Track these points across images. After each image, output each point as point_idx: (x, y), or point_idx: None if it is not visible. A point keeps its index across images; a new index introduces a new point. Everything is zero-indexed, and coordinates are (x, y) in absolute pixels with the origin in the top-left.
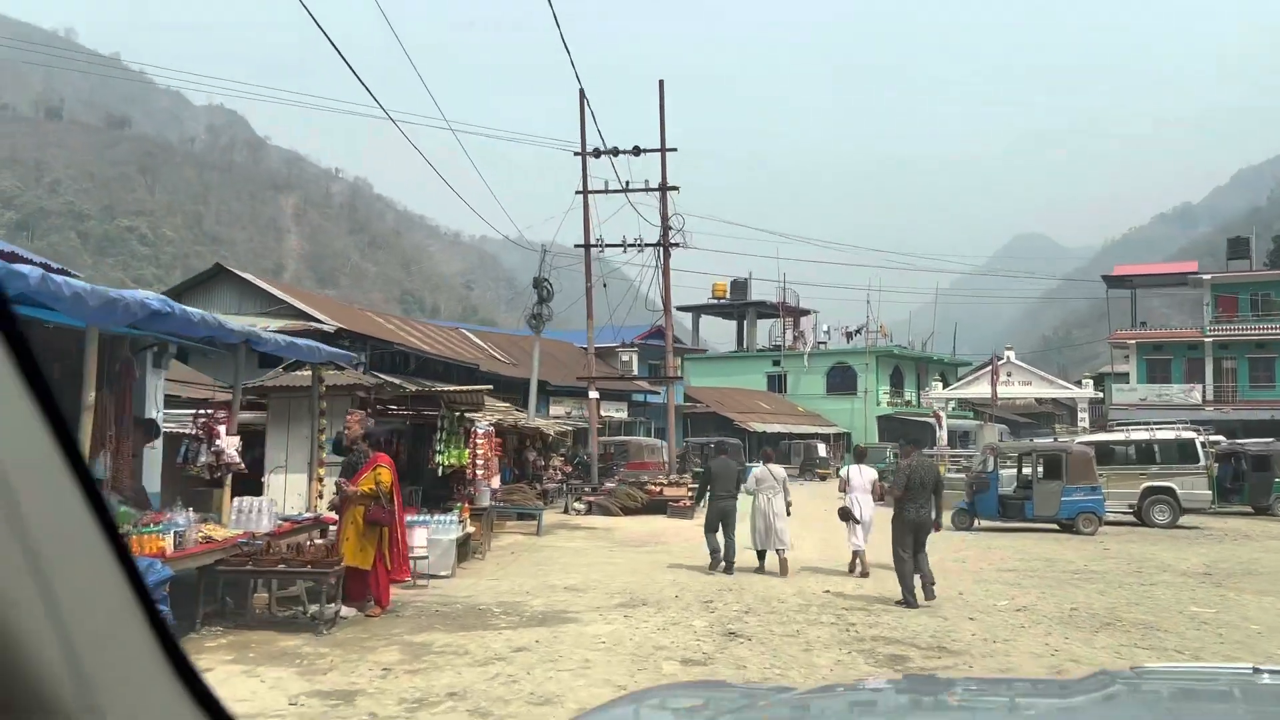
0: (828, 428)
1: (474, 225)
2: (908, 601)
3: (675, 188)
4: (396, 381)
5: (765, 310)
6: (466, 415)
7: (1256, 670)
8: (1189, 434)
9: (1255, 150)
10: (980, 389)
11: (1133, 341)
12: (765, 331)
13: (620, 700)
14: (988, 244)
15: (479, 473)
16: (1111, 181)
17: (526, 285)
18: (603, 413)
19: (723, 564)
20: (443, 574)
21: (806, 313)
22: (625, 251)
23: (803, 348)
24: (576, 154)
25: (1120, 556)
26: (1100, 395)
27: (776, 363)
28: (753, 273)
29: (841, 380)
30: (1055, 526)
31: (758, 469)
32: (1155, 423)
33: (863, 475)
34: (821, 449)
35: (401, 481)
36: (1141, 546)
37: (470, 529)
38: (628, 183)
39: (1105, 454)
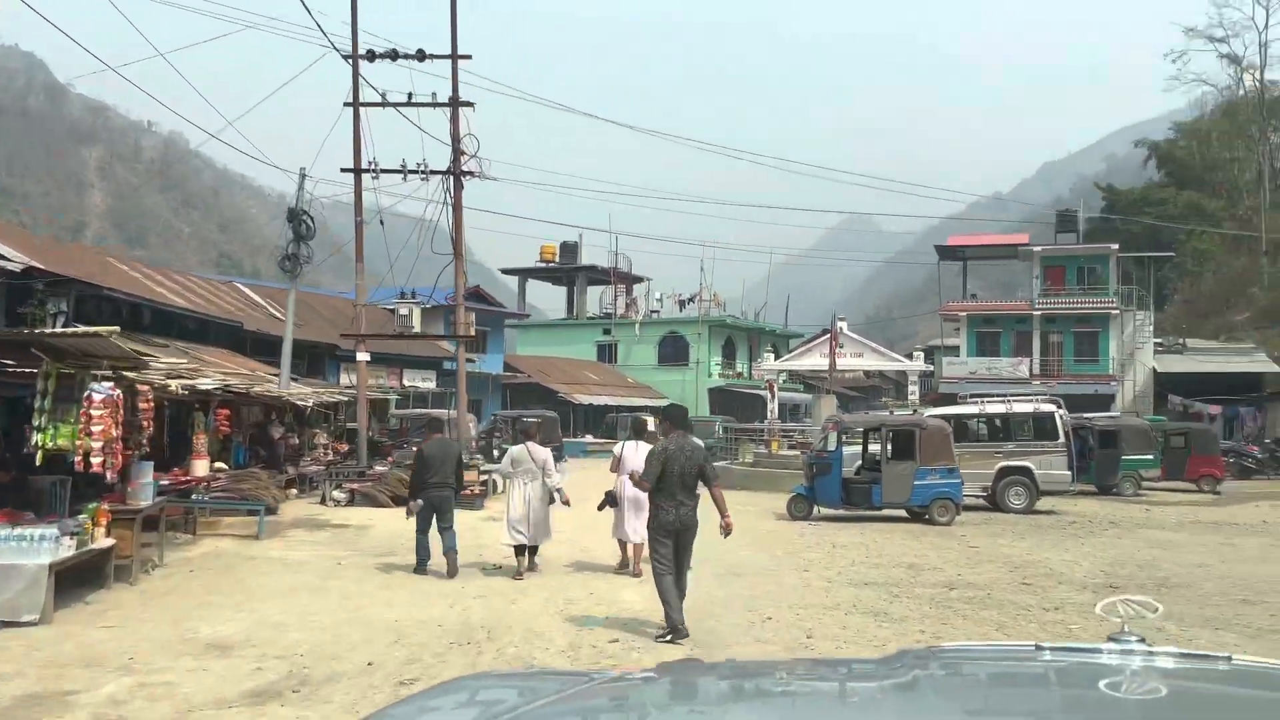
0: (659, 400)
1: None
2: (675, 630)
3: (469, 103)
4: None
5: (597, 276)
6: (115, 374)
7: (1039, 647)
8: (1048, 406)
9: (1059, 146)
10: (812, 360)
11: (963, 314)
12: (597, 298)
13: (424, 694)
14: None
15: (95, 460)
16: (931, 170)
17: (345, 242)
18: (406, 381)
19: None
20: (26, 619)
21: (640, 279)
22: (406, 179)
23: (635, 316)
24: (347, 58)
25: (995, 559)
26: (931, 368)
27: (607, 331)
28: (583, 236)
29: (674, 351)
30: (905, 515)
31: (514, 449)
32: (1013, 395)
33: (639, 454)
34: (651, 422)
35: None
36: (1012, 543)
37: (106, 542)
38: (410, 95)
39: (957, 430)
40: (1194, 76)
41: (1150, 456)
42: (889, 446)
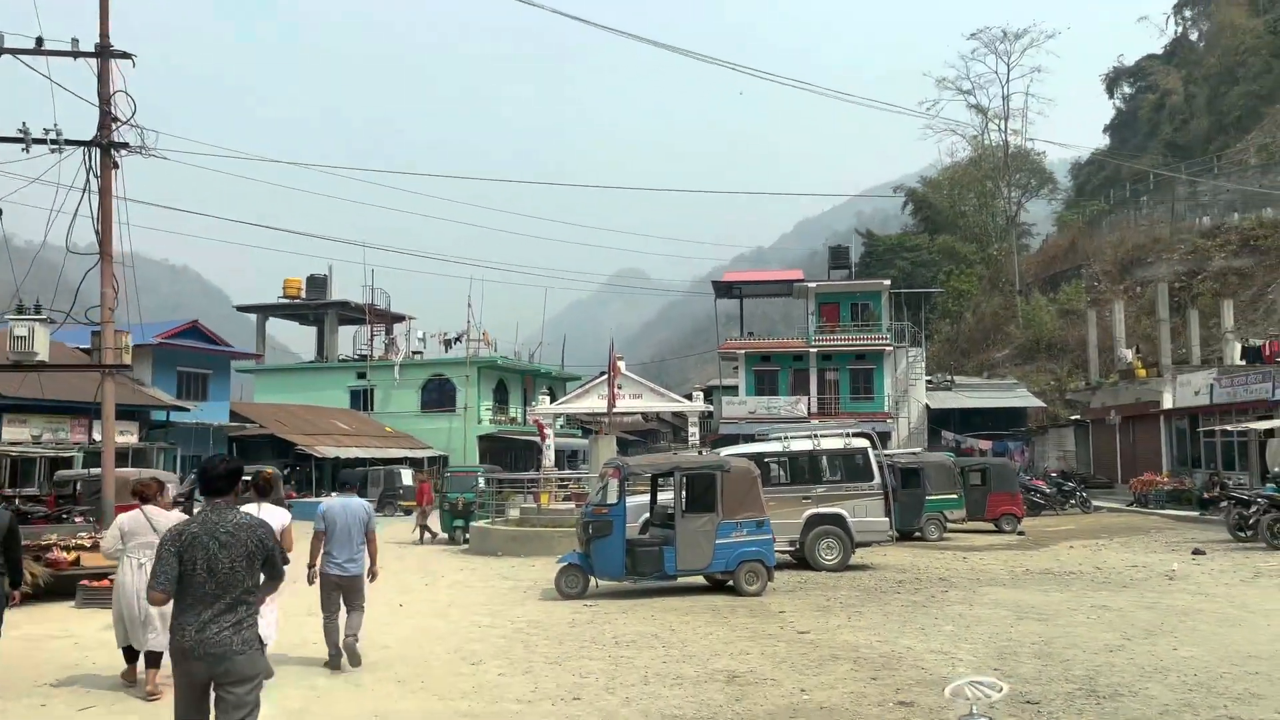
0: (421, 450)
1: None
2: None
3: (127, 54)
4: None
5: (350, 314)
6: None
7: None
8: (860, 441)
9: (811, 205)
10: (590, 402)
11: (741, 352)
12: (350, 339)
13: None
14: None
15: None
16: (700, 226)
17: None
18: (97, 435)
19: None
20: None
21: (401, 318)
22: (27, 150)
23: (395, 358)
24: None
25: (841, 655)
26: (710, 408)
27: (362, 375)
28: (333, 268)
29: (439, 395)
30: (706, 584)
31: (124, 518)
32: (821, 431)
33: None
34: (407, 476)
35: None
36: (850, 625)
37: None
38: (40, 40)
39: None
40: (945, 125)
41: (955, 496)
42: (684, 495)
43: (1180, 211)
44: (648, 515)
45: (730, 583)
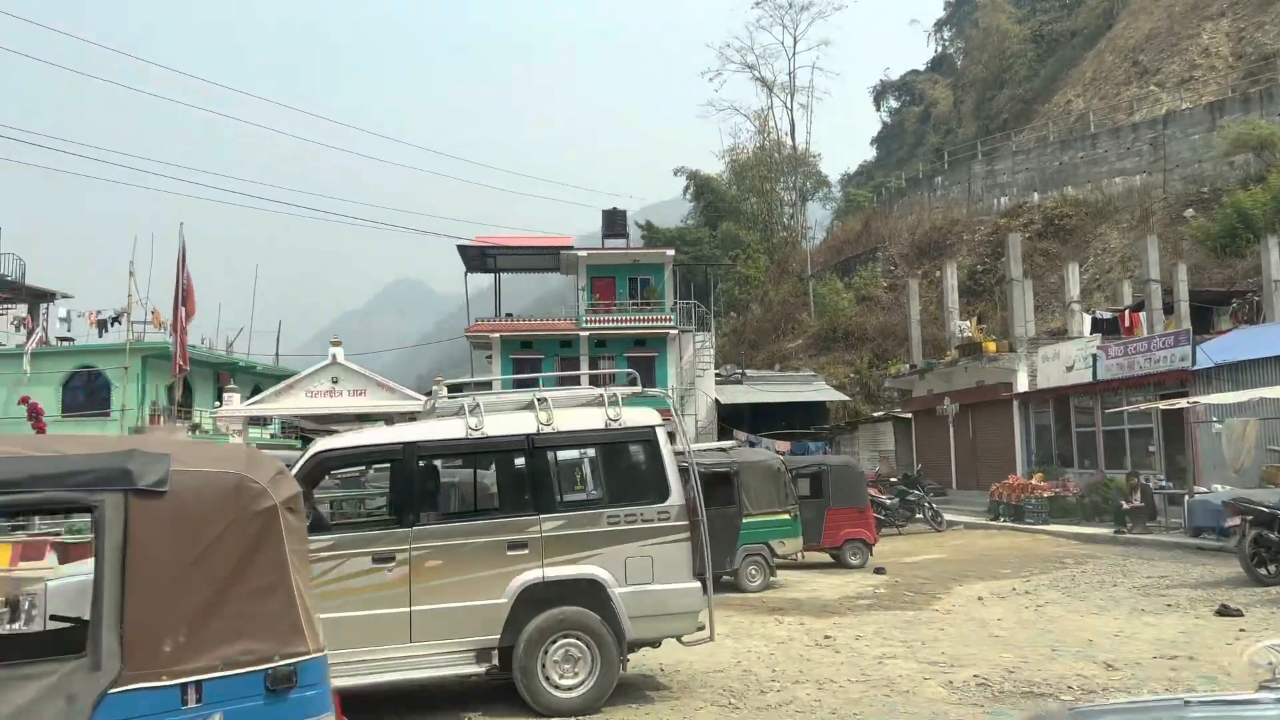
0: None
1: None
2: None
3: None
4: None
5: None
6: None
7: (1186, 702)
8: (641, 416)
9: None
10: (297, 401)
11: (496, 335)
12: None
13: None
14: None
15: None
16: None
17: None
18: None
19: None
20: None
21: (48, 295)
22: None
23: (34, 345)
24: None
25: None
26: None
27: None
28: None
29: (88, 394)
30: None
31: None
32: (566, 394)
33: None
34: None
35: None
36: None
37: None
38: None
39: None
40: (727, 104)
41: (787, 516)
42: None
43: (978, 192)
44: None
45: None
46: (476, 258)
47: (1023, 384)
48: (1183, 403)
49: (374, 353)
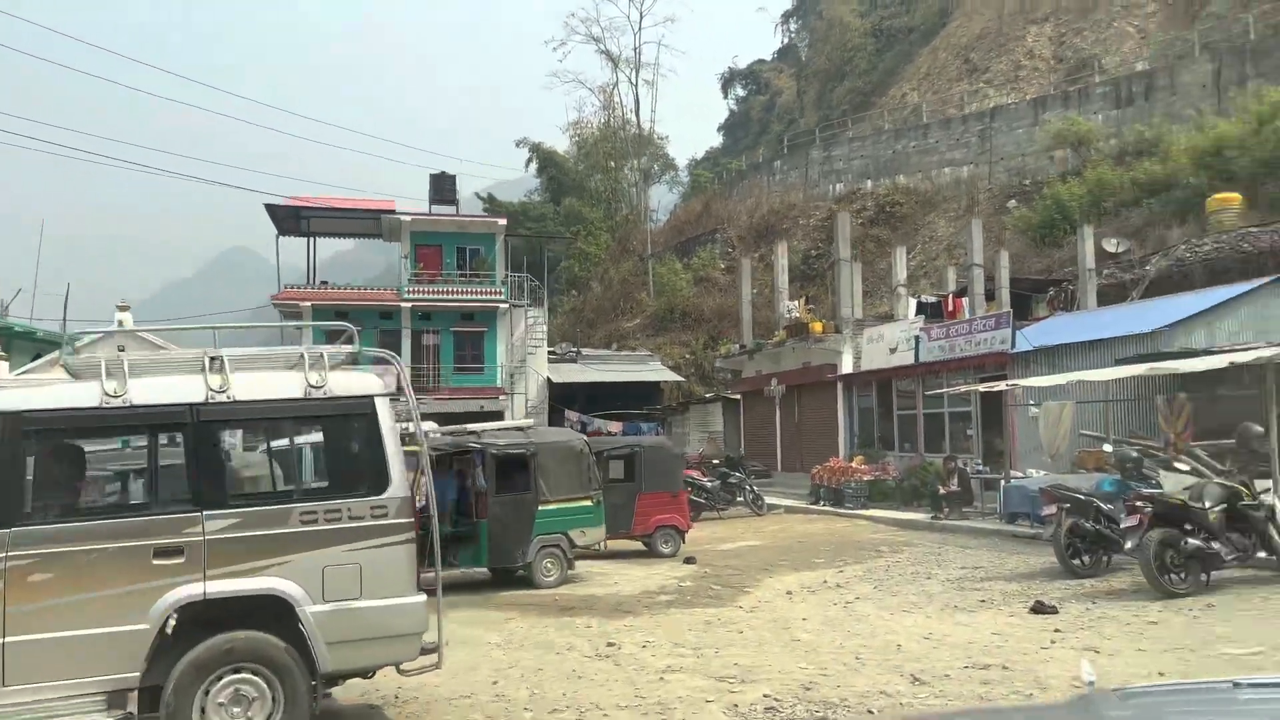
0: None
1: None
2: None
3: None
4: None
5: None
6: None
7: (1236, 685)
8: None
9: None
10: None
11: (307, 304)
12: None
13: None
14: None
15: None
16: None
17: None
18: None
19: None
20: None
21: None
22: None
23: None
24: None
25: None
26: None
27: None
28: None
29: None
30: None
31: None
32: (248, 357)
33: None
34: None
35: None
36: None
37: None
38: None
39: None
40: (572, 76)
41: (589, 503)
42: None
43: (815, 178)
44: None
45: None
46: (289, 219)
47: (847, 365)
48: (1000, 385)
49: (195, 328)
